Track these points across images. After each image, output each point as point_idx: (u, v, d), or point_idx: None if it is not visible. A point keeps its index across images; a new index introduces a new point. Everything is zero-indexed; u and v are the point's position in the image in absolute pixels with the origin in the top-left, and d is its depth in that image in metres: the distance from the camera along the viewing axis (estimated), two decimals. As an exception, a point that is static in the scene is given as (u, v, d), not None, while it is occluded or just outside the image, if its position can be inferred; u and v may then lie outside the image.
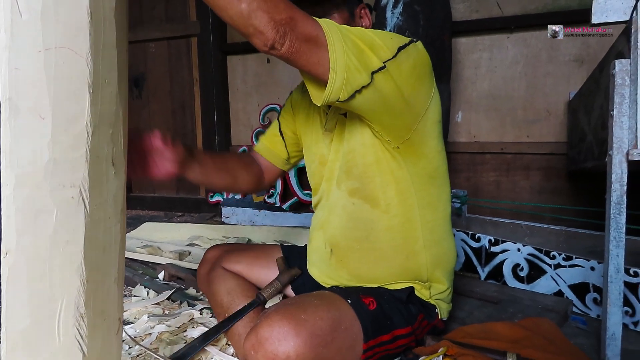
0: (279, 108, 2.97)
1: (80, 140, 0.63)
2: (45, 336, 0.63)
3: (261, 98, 3.19)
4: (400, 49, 0.93)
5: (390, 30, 1.97)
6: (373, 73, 0.88)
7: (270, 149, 1.36)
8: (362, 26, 1.11)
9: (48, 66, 0.60)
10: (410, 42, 0.98)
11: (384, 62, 0.89)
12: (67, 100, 0.62)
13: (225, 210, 3.03)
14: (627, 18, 1.13)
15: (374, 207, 1.08)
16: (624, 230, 1.11)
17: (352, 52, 0.84)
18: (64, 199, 0.63)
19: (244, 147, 3.18)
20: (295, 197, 2.85)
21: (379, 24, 2.01)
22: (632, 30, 1.10)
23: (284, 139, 1.34)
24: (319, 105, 0.88)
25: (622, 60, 1.11)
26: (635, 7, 1.11)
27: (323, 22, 0.83)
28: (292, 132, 1.33)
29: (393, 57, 0.91)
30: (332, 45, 0.81)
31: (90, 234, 0.65)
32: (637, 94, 1.09)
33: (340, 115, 1.10)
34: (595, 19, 1.18)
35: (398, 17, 1.97)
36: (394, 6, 1.97)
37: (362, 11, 1.11)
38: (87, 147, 0.64)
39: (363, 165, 1.07)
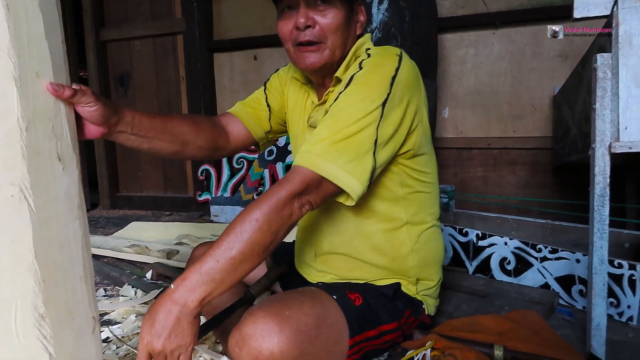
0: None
1: (13, 137, 0.60)
2: (2, 337, 0.61)
3: (248, 96, 3.17)
4: (384, 103, 0.94)
5: (376, 27, 1.97)
6: (374, 154, 0.93)
7: (254, 116, 1.26)
8: (358, 22, 1.09)
9: None
10: (394, 77, 0.96)
11: (376, 130, 0.93)
12: None
13: (214, 209, 3.02)
14: (607, 12, 1.14)
15: (357, 213, 1.08)
16: (607, 222, 1.13)
17: (353, 165, 0.91)
18: (2, 199, 0.60)
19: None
20: (284, 195, 2.85)
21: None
22: (613, 25, 1.11)
23: (270, 112, 1.27)
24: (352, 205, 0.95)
25: (604, 54, 1.12)
26: (615, 2, 1.12)
27: (318, 163, 0.89)
28: (280, 108, 1.27)
29: (381, 117, 0.94)
30: (338, 180, 0.90)
31: (40, 232, 0.62)
32: (618, 88, 1.10)
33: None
34: (577, 14, 1.19)
35: (384, 14, 1.97)
36: (380, 2, 1.97)
37: (359, 7, 1.09)
38: (22, 144, 0.60)
39: None
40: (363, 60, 1.02)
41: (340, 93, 0.98)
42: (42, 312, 0.62)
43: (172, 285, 0.81)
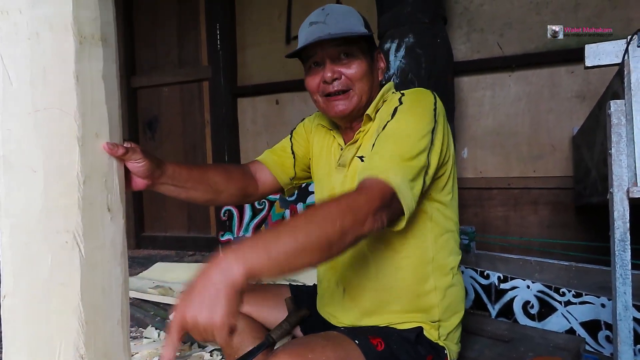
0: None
1: (72, 189, 0.68)
2: None
3: (271, 138, 3.26)
4: (432, 131, 1.00)
5: (394, 73, 2.04)
6: (424, 178, 0.96)
7: (279, 163, 1.34)
8: (379, 68, 1.17)
9: (38, 125, 0.66)
10: (435, 109, 1.03)
11: (427, 157, 0.97)
12: (58, 153, 0.67)
13: (235, 249, 3.05)
14: (619, 61, 1.17)
15: (386, 247, 1.10)
16: (629, 267, 1.12)
17: (412, 184, 0.92)
18: (58, 244, 0.66)
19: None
20: (305, 235, 2.87)
21: (383, 66, 2.08)
22: (625, 72, 1.14)
23: (295, 159, 1.35)
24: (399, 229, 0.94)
25: (617, 101, 1.14)
26: (626, 50, 1.15)
27: (391, 176, 0.89)
28: (304, 155, 1.35)
29: (431, 144, 0.99)
30: (403, 198, 0.89)
31: (87, 276, 0.68)
32: (633, 133, 1.12)
33: (357, 157, 1.14)
34: (588, 62, 1.22)
35: (401, 60, 2.04)
36: (397, 50, 2.05)
37: (378, 55, 1.17)
38: (79, 195, 0.68)
39: None
40: (401, 97, 1.09)
41: (388, 122, 1.02)
42: (82, 352, 0.66)
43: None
